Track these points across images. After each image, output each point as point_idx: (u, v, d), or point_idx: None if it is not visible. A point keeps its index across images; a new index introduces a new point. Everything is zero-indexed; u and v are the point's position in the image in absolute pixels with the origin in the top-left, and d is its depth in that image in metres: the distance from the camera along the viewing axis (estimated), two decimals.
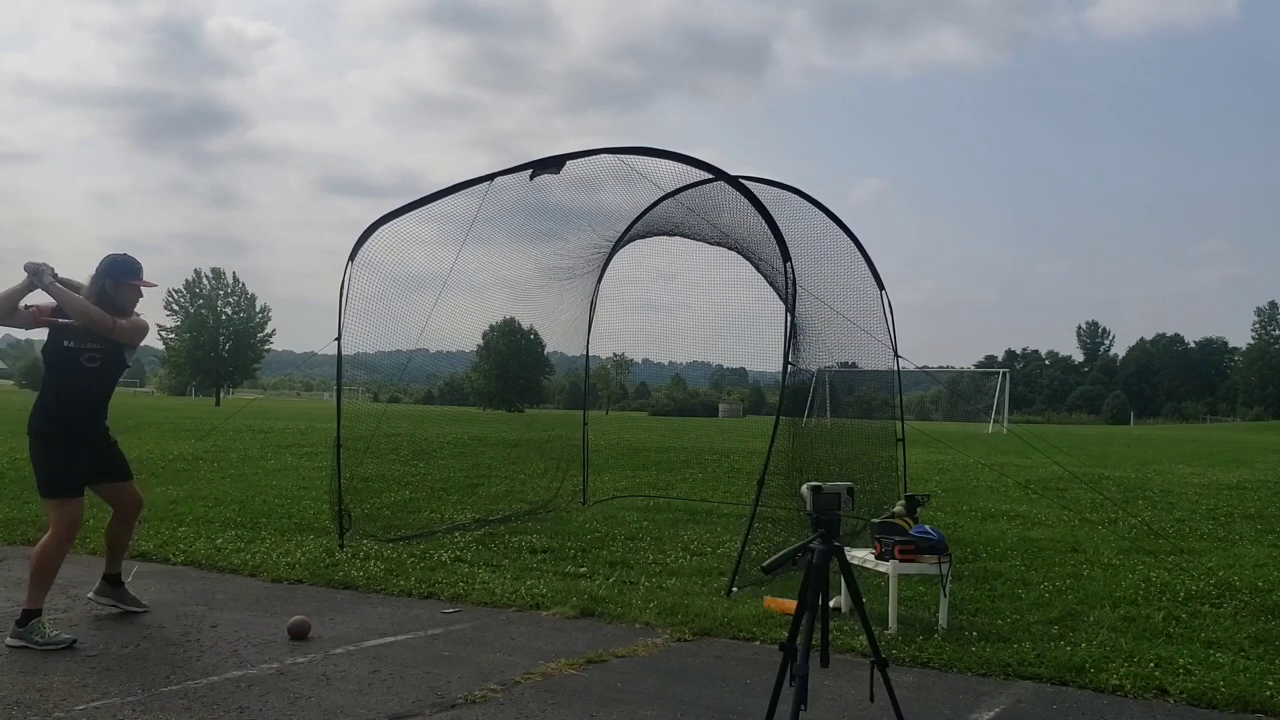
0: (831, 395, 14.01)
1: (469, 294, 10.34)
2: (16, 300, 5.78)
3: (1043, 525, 10.61)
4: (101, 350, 5.92)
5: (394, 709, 4.71)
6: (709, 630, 6.25)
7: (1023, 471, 16.05)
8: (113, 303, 5.96)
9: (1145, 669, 5.47)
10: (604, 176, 9.04)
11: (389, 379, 18.63)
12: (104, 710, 4.57)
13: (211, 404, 55.73)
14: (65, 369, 5.89)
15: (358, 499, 10.14)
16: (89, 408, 6.01)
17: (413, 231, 9.08)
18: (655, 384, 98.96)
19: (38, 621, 5.59)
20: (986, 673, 5.48)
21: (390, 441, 15.62)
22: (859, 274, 10.01)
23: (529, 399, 62.72)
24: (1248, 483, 14.90)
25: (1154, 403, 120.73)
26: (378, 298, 9.01)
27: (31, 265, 5.76)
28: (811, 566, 4.00)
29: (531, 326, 17.10)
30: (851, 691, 5.01)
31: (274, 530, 9.66)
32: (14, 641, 5.54)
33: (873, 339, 9.91)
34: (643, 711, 4.77)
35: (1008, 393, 48.96)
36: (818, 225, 9.55)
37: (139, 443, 16.43)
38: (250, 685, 4.99)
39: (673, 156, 8.34)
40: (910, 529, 6.46)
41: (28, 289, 5.79)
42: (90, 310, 5.80)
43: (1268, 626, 6.46)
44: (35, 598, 5.66)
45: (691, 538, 9.68)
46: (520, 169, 8.62)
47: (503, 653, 5.70)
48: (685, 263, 10.91)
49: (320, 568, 7.89)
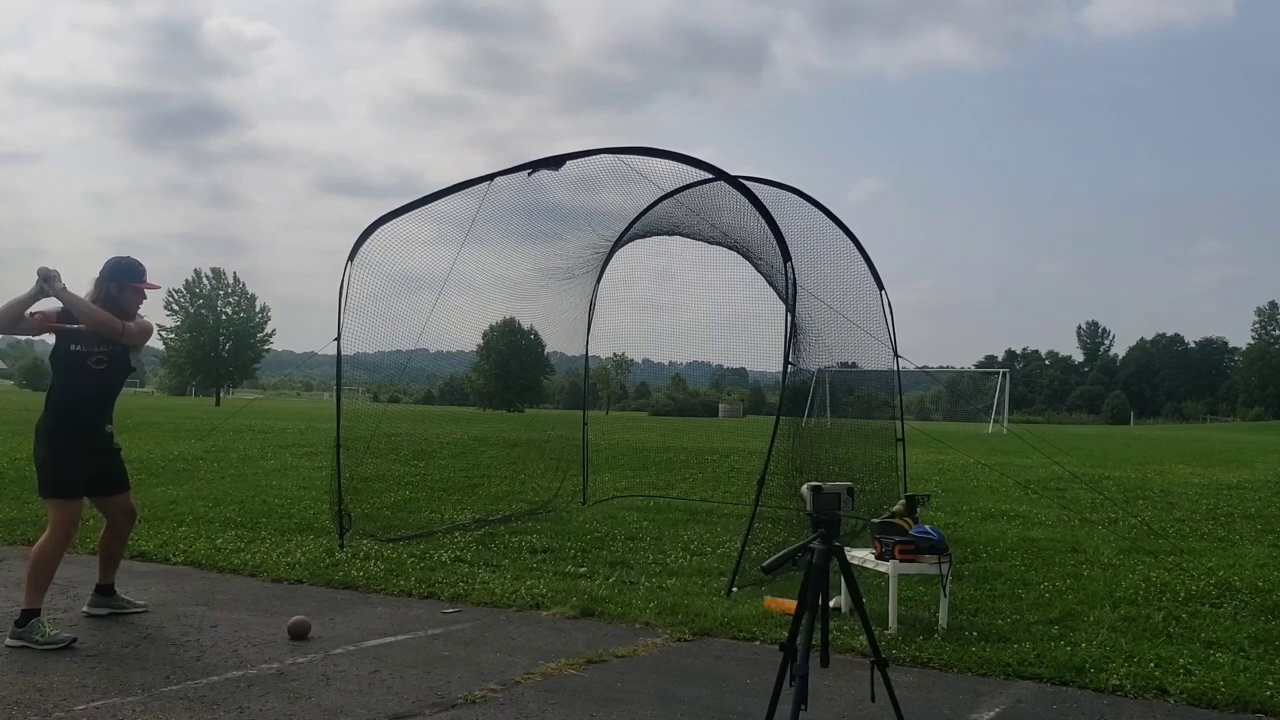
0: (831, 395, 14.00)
1: (468, 294, 10.34)
2: (24, 307, 5.83)
3: (1043, 525, 10.61)
4: (108, 353, 5.97)
5: (394, 709, 4.71)
6: (709, 630, 6.25)
7: (1023, 471, 16.06)
8: (117, 305, 6.00)
9: (1145, 669, 5.47)
10: (603, 176, 9.04)
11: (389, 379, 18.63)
12: (104, 710, 4.57)
13: (211, 404, 55.71)
14: (73, 372, 5.94)
15: (358, 499, 10.14)
16: (96, 410, 6.04)
17: (412, 232, 9.08)
18: (655, 384, 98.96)
19: (37, 621, 5.59)
20: (986, 673, 5.48)
21: (390, 441, 15.62)
22: (858, 274, 10.00)
23: (529, 399, 62.66)
24: (1248, 483, 14.91)
25: (1154, 403, 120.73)
26: (377, 298, 9.01)
27: (43, 271, 5.80)
28: (811, 566, 4.00)
29: (532, 327, 17.10)
30: (851, 691, 5.01)
31: (274, 530, 9.66)
32: (14, 642, 5.54)
33: (873, 339, 9.90)
34: (643, 711, 4.77)
35: (1008, 393, 48.98)
36: (817, 225, 9.54)
37: (139, 443, 16.43)
38: (250, 685, 4.99)
39: (673, 156, 8.33)
40: (910, 529, 6.46)
41: (38, 295, 5.83)
42: (100, 315, 5.85)
43: (1268, 626, 6.46)
44: (34, 598, 5.66)
45: (691, 538, 9.68)
46: (520, 169, 8.62)
47: (503, 653, 5.70)
48: (685, 263, 10.92)
49: (320, 568, 7.89)
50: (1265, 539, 9.82)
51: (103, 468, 6.07)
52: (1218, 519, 11.09)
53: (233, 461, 15.69)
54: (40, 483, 5.87)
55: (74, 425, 5.92)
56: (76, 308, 5.84)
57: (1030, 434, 29.66)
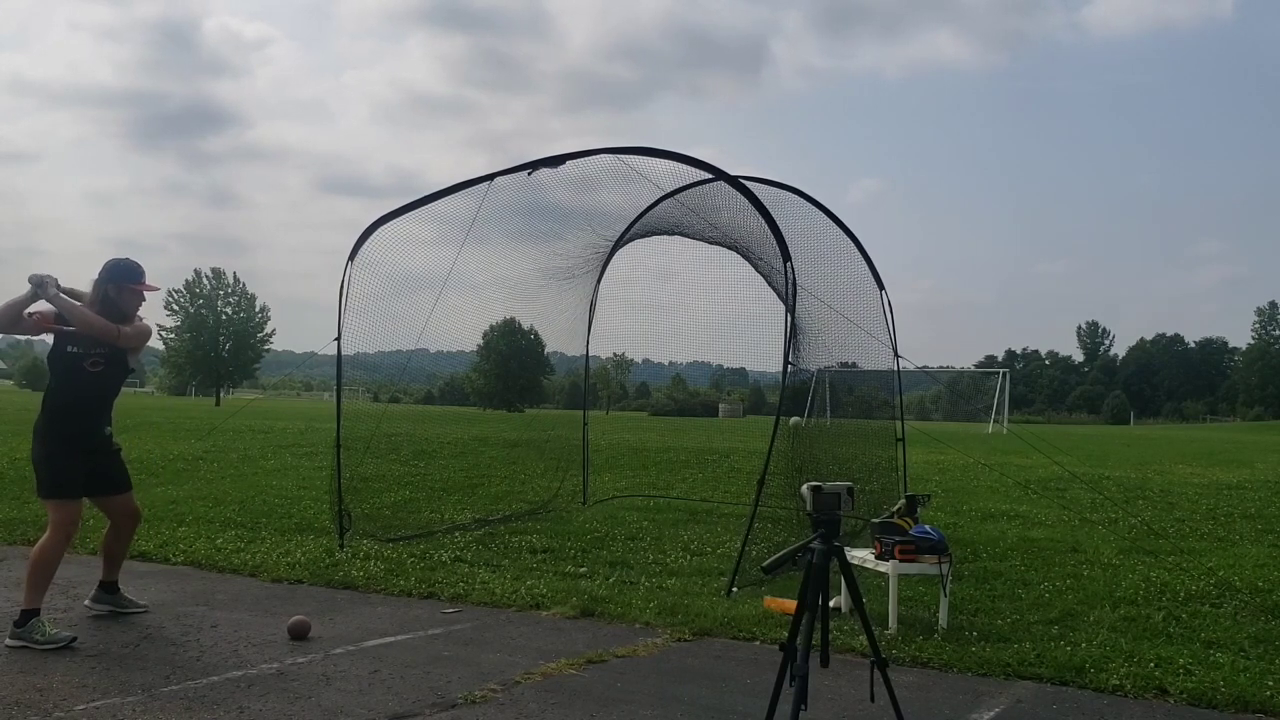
0: (831, 395, 14.00)
1: (468, 294, 10.34)
2: (20, 310, 5.86)
3: (1043, 525, 10.61)
4: (105, 355, 5.97)
5: (394, 709, 4.71)
6: (709, 630, 6.25)
7: (1023, 471, 16.06)
8: (116, 307, 6.01)
9: (1145, 669, 5.47)
10: (603, 176, 9.04)
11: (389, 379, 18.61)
12: (104, 710, 4.57)
13: (211, 404, 55.72)
14: (69, 374, 5.94)
15: (358, 499, 10.14)
16: (93, 411, 6.05)
17: (412, 232, 9.08)
18: (655, 384, 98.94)
19: (37, 621, 5.60)
20: (986, 673, 5.48)
21: (390, 441, 15.61)
22: (858, 274, 10.00)
23: (529, 399, 62.67)
24: (1248, 483, 14.91)
25: (1154, 403, 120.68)
26: (377, 298, 9.01)
27: (35, 277, 5.82)
28: (811, 566, 4.00)
29: (532, 327, 17.11)
30: (851, 691, 5.01)
31: (274, 530, 9.66)
32: (13, 642, 5.54)
33: (873, 339, 9.90)
34: (643, 711, 4.77)
35: (1008, 393, 48.98)
36: (817, 225, 9.54)
37: (139, 443, 16.43)
38: (250, 685, 4.99)
39: (673, 156, 8.33)
40: (910, 529, 6.46)
41: (31, 300, 5.85)
42: (94, 320, 5.86)
43: (1268, 626, 6.46)
44: (33, 598, 5.67)
45: (691, 538, 9.68)
46: (520, 169, 8.62)
47: (503, 653, 5.70)
48: (685, 263, 10.92)
49: (320, 568, 7.89)
50: (1265, 539, 9.82)
51: (102, 468, 6.07)
52: (1218, 519, 11.09)
53: (233, 461, 15.69)
54: (39, 483, 5.88)
55: (71, 426, 5.92)
56: (70, 313, 5.85)
57: (1030, 434, 29.66)
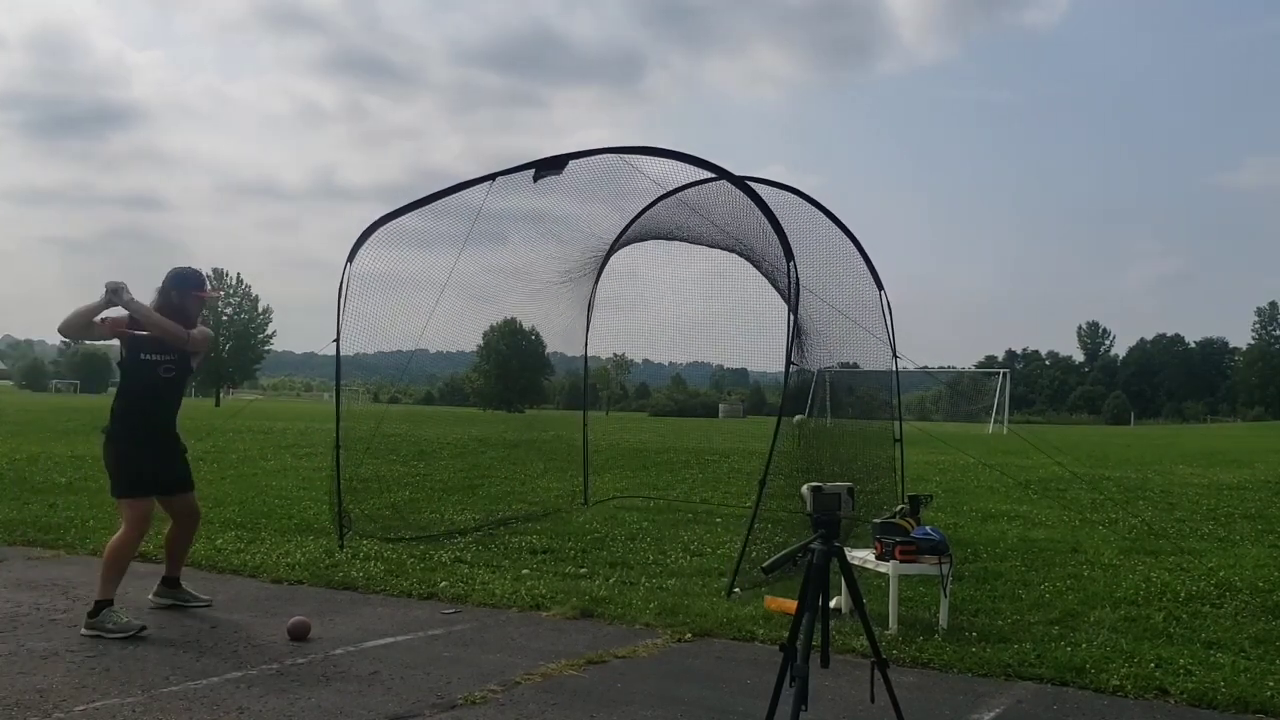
0: (832, 395, 13.99)
1: (469, 295, 10.31)
2: (93, 316, 6.17)
3: (1043, 525, 10.61)
4: (175, 361, 6.32)
5: (394, 709, 4.70)
6: (709, 631, 6.25)
7: (1023, 472, 16.05)
8: (180, 312, 6.32)
9: (1146, 669, 5.47)
10: (604, 176, 9.03)
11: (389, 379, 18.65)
12: (104, 710, 4.57)
13: (211, 404, 55.72)
14: (143, 380, 6.30)
15: (358, 500, 10.13)
16: (164, 415, 6.41)
17: (412, 232, 9.07)
18: (655, 384, 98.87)
19: (110, 610, 5.87)
20: (987, 673, 5.47)
21: (390, 442, 15.63)
22: (858, 274, 10.00)
23: (529, 399, 62.71)
24: (1248, 483, 14.90)
25: (1154, 403, 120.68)
26: (377, 298, 9.01)
27: (111, 284, 6.10)
28: (812, 567, 4.00)
29: (533, 327, 17.09)
30: (852, 692, 5.01)
31: (274, 531, 9.65)
32: (88, 631, 5.84)
33: (873, 339, 9.90)
34: (643, 712, 4.76)
35: (1008, 393, 48.99)
36: (817, 225, 9.53)
37: None
38: (250, 685, 4.99)
39: (675, 156, 8.33)
40: (913, 530, 6.45)
41: (105, 306, 6.12)
42: (167, 325, 6.18)
43: (1268, 627, 6.45)
44: (107, 589, 5.95)
45: (691, 538, 9.67)
46: (521, 169, 8.61)
47: (503, 653, 5.70)
48: (685, 263, 10.91)
49: (320, 568, 7.88)
50: (1265, 539, 9.81)
51: (172, 467, 6.39)
52: (1218, 519, 11.09)
53: (233, 462, 15.69)
54: (113, 484, 6.24)
55: (146, 429, 6.28)
56: (144, 317, 6.17)
57: (1030, 434, 29.64)
